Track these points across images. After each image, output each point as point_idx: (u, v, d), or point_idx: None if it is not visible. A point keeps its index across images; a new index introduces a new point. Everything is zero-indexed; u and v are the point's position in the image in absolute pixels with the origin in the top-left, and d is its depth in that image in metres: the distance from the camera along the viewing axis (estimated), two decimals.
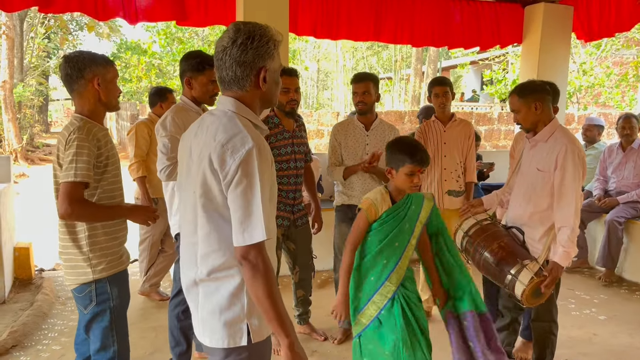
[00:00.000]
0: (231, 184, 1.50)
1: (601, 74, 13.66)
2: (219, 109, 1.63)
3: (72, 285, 2.22)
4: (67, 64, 2.16)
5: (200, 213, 1.57)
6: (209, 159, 1.52)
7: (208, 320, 1.63)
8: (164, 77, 16.61)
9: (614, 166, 5.18)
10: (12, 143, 14.46)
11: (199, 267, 1.62)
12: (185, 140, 1.70)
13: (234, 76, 1.57)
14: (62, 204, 2.02)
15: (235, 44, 1.54)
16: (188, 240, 1.66)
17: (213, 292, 1.61)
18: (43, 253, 5.18)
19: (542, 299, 2.64)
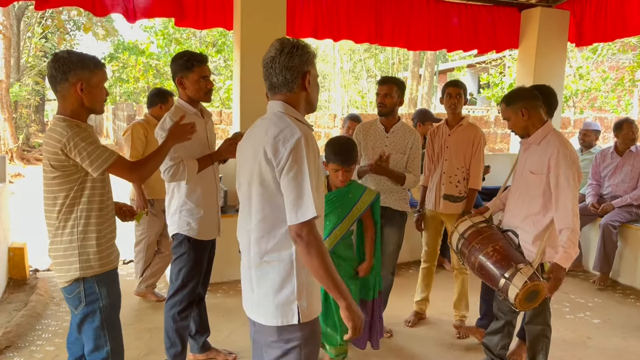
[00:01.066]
0: (284, 170, 1.71)
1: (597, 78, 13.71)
2: (268, 112, 1.86)
3: (61, 283, 2.22)
4: (53, 64, 2.13)
5: (255, 201, 1.80)
6: (263, 151, 1.74)
7: (262, 301, 1.82)
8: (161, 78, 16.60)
9: (609, 170, 5.19)
10: (8, 142, 14.41)
11: (253, 250, 1.83)
12: (241, 146, 1.94)
13: (284, 80, 1.82)
14: (129, 178, 2.30)
15: (283, 52, 1.80)
16: (244, 227, 1.89)
17: (265, 275, 1.82)
18: (38, 253, 5.16)
19: (535, 303, 2.65)
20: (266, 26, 4.70)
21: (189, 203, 2.91)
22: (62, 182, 2.13)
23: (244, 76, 4.76)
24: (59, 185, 2.14)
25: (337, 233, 2.94)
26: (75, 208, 2.17)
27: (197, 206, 2.92)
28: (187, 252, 2.93)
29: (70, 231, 2.18)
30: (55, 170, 2.13)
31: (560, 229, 2.63)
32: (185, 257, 2.94)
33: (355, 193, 2.99)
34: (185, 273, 2.95)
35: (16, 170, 13.11)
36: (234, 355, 3.36)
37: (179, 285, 2.96)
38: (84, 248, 2.19)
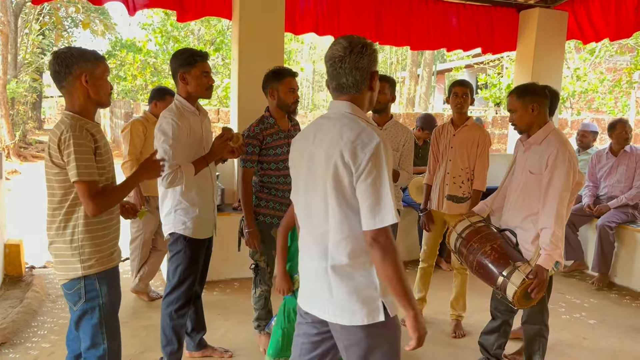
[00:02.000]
0: (362, 175, 1.69)
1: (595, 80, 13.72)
2: (334, 112, 1.83)
3: (61, 280, 2.21)
4: (55, 61, 2.12)
5: (333, 204, 1.76)
6: (340, 155, 1.71)
7: (346, 302, 1.79)
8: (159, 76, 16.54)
9: (605, 171, 5.21)
10: (5, 139, 14.37)
11: (331, 254, 1.80)
12: (300, 146, 1.90)
13: (354, 81, 1.79)
14: (86, 204, 2.09)
15: (353, 52, 1.76)
16: (317, 232, 1.83)
17: (348, 276, 1.79)
18: (34, 250, 5.15)
19: (533, 301, 2.66)
20: (265, 23, 4.70)
21: (184, 202, 2.89)
22: (64, 178, 2.11)
23: (242, 74, 4.76)
24: (61, 182, 2.12)
25: None
26: (78, 207, 2.15)
27: (192, 205, 2.90)
28: (183, 250, 2.92)
29: (72, 230, 2.16)
30: (54, 167, 2.11)
31: (542, 227, 2.63)
32: (182, 255, 2.93)
33: None
34: (182, 271, 2.94)
35: (13, 167, 13.07)
36: (230, 353, 3.36)
37: (175, 283, 2.95)
38: (86, 247, 2.17)
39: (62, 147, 2.07)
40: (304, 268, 1.94)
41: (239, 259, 4.57)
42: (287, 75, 3.18)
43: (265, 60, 4.74)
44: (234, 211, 4.70)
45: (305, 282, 1.94)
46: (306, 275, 1.93)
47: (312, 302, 1.90)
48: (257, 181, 3.30)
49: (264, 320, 3.42)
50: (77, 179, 2.05)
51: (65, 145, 2.06)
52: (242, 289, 4.52)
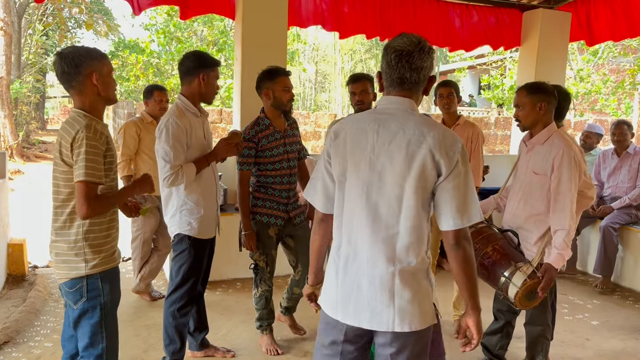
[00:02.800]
0: (451, 174, 1.66)
1: (598, 81, 13.71)
2: (396, 108, 1.74)
3: (62, 279, 2.20)
4: (62, 61, 2.12)
5: (411, 204, 1.68)
6: (429, 154, 1.65)
7: (409, 307, 1.71)
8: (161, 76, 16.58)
9: (609, 172, 5.21)
10: (8, 139, 14.41)
11: (399, 257, 1.71)
12: (355, 141, 1.76)
13: (417, 78, 1.72)
14: (80, 205, 2.06)
15: (423, 50, 1.71)
16: (384, 234, 1.71)
17: (415, 280, 1.72)
18: (37, 250, 5.16)
19: (535, 302, 2.65)
20: (268, 23, 4.71)
21: (189, 203, 2.90)
22: (71, 177, 2.11)
23: (245, 75, 4.76)
24: (68, 180, 2.12)
25: None
26: None
27: (197, 205, 2.91)
28: (188, 250, 2.93)
29: (76, 230, 2.15)
30: (64, 165, 2.11)
31: (556, 229, 2.63)
32: (186, 254, 2.93)
33: None
34: (185, 270, 2.95)
35: (16, 167, 13.11)
36: (232, 352, 3.36)
37: (178, 282, 2.96)
38: (90, 246, 2.17)
39: (75, 146, 2.06)
40: (354, 276, 1.76)
41: (241, 259, 4.58)
42: (281, 75, 3.18)
43: (268, 61, 4.72)
44: (237, 211, 4.69)
45: (354, 293, 1.75)
46: (356, 284, 1.75)
47: (360, 314, 1.74)
48: (254, 181, 3.30)
49: (266, 320, 3.42)
50: (82, 179, 2.04)
51: (78, 144, 2.05)
52: (244, 288, 4.52)
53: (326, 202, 1.86)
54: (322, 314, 1.87)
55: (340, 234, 1.81)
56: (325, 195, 1.86)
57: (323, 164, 1.85)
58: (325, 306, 1.85)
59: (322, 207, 1.88)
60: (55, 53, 2.21)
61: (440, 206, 1.70)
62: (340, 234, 1.81)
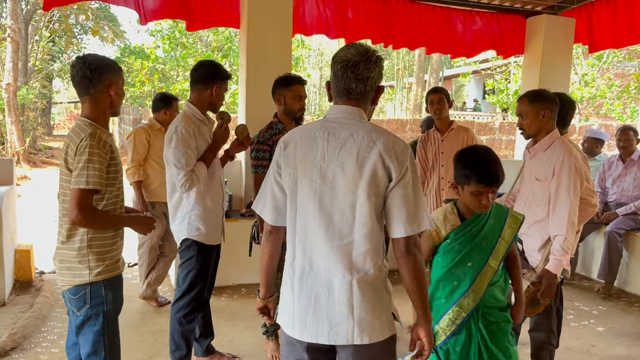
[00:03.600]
0: (401, 180, 1.64)
1: (603, 86, 13.69)
2: (345, 117, 1.72)
3: (65, 285, 2.20)
4: (86, 67, 2.11)
5: (365, 212, 1.65)
6: (380, 159, 1.63)
7: (369, 317, 1.67)
8: (167, 82, 16.67)
9: (614, 178, 5.19)
10: (15, 145, 14.50)
11: (356, 266, 1.67)
12: (305, 151, 1.72)
13: (363, 89, 1.71)
14: (72, 210, 2.04)
15: (369, 60, 1.68)
16: (339, 243, 1.68)
17: (373, 288, 1.69)
18: (43, 256, 5.19)
19: (539, 308, 2.65)
20: (272, 30, 4.74)
21: (198, 208, 2.92)
22: None
23: (250, 81, 4.80)
24: None
25: (487, 275, 2.17)
26: None
27: (205, 211, 2.94)
28: (195, 256, 2.94)
29: (81, 238, 2.14)
30: (70, 173, 2.10)
31: (554, 235, 2.63)
32: (193, 261, 2.95)
33: (497, 218, 2.23)
34: (193, 277, 2.96)
35: (23, 172, 13.18)
36: (238, 358, 3.37)
37: (185, 288, 2.97)
38: (94, 254, 2.16)
39: (77, 153, 2.06)
40: (310, 288, 1.71)
41: (246, 264, 4.59)
42: (295, 83, 3.22)
43: (273, 67, 4.78)
44: (242, 217, 4.73)
45: (311, 306, 1.70)
46: (313, 297, 1.70)
47: (318, 328, 1.69)
48: None
49: (272, 325, 3.43)
50: (79, 187, 2.03)
51: (81, 151, 2.05)
52: (250, 294, 4.53)
53: (275, 214, 1.81)
54: (282, 333, 1.82)
55: (294, 246, 1.76)
56: (274, 207, 1.81)
57: (272, 175, 1.80)
58: (283, 324, 1.79)
59: (271, 219, 1.82)
60: (77, 57, 2.20)
61: (391, 213, 1.67)
62: (294, 246, 1.76)
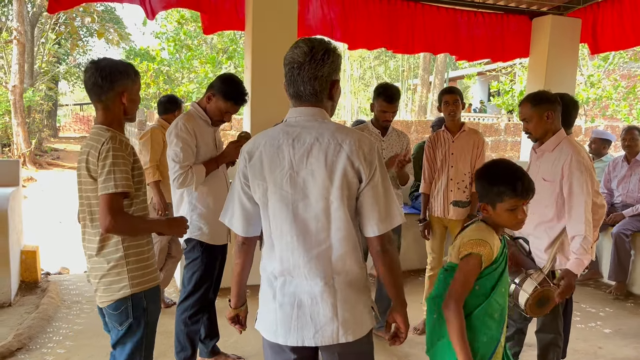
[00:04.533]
0: (372, 180, 1.63)
1: (609, 87, 13.63)
2: (307, 119, 1.68)
3: (105, 302, 2.09)
4: (98, 73, 2.04)
5: (340, 216, 1.64)
6: (348, 162, 1.61)
7: (352, 316, 1.70)
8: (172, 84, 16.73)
9: (619, 179, 5.17)
10: (21, 147, 14.59)
11: (336, 269, 1.68)
12: (271, 159, 1.68)
13: (312, 90, 1.66)
14: (104, 217, 1.95)
15: (314, 59, 1.64)
16: (317, 250, 1.67)
17: (354, 287, 1.71)
18: (49, 257, 5.21)
19: (546, 309, 2.63)
20: (277, 32, 4.73)
21: (200, 207, 2.93)
22: None
23: (255, 83, 4.79)
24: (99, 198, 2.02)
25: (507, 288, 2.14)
26: None
27: (207, 210, 2.93)
28: (200, 257, 2.95)
29: (115, 248, 2.06)
30: (95, 182, 2.02)
31: (573, 235, 2.62)
32: (198, 262, 2.95)
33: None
34: (198, 278, 2.96)
35: (28, 174, 13.25)
36: (242, 359, 3.37)
37: (190, 289, 2.98)
38: (133, 264, 2.08)
39: (100, 158, 1.98)
40: (292, 295, 1.71)
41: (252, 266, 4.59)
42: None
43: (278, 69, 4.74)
44: None
45: (295, 312, 1.70)
46: (296, 303, 1.70)
47: (303, 331, 1.70)
48: None
49: None
50: (109, 192, 1.95)
51: (104, 156, 1.98)
52: (254, 295, 4.49)
53: (246, 226, 1.79)
54: (264, 341, 1.83)
55: (272, 256, 1.74)
56: (244, 219, 1.78)
57: (239, 187, 1.76)
58: (264, 332, 1.80)
59: (242, 230, 1.80)
60: (91, 61, 2.11)
61: (364, 213, 1.66)
62: (272, 256, 1.74)
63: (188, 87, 15.36)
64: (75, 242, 3.34)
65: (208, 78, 15.17)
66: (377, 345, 3.70)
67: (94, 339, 3.59)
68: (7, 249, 4.14)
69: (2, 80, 16.18)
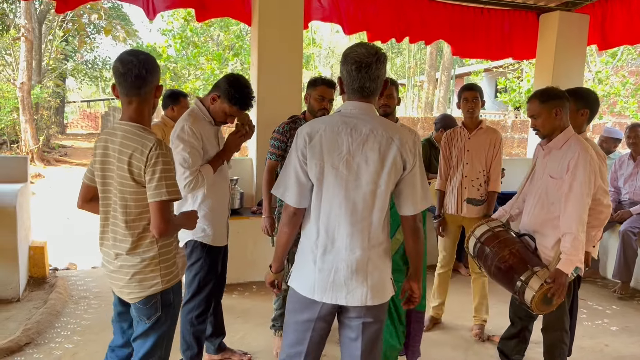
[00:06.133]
0: (413, 168, 1.97)
1: (617, 83, 13.53)
2: (362, 113, 1.97)
3: (136, 298, 2.14)
4: (142, 65, 2.02)
5: (383, 198, 1.96)
6: (398, 153, 1.93)
7: (378, 285, 2.01)
8: (178, 81, 16.75)
9: (626, 177, 5.15)
10: (29, 144, 14.67)
11: (372, 241, 1.99)
12: (332, 143, 1.94)
13: (375, 87, 1.97)
14: (159, 223, 2.02)
15: (379, 60, 1.94)
16: (362, 224, 1.97)
17: (380, 261, 2.02)
18: (57, 253, 5.25)
19: (552, 306, 2.63)
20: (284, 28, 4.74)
21: (204, 209, 2.88)
22: (143, 197, 2.05)
23: (261, 79, 4.80)
24: (140, 200, 2.06)
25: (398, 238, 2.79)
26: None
27: (211, 212, 2.91)
28: (203, 259, 2.92)
29: (149, 248, 2.11)
30: (135, 184, 2.03)
31: (564, 233, 2.60)
32: (201, 263, 2.92)
33: None
34: (201, 279, 2.94)
35: (36, 171, 13.32)
36: (249, 355, 3.38)
37: (195, 290, 2.95)
38: (165, 262, 2.15)
39: (149, 164, 1.99)
40: (331, 262, 1.98)
41: (257, 262, 4.61)
42: (321, 84, 3.28)
43: (284, 65, 4.78)
44: (253, 215, 4.74)
45: (332, 276, 1.98)
46: (334, 269, 1.98)
47: (337, 293, 1.99)
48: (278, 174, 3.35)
49: (279, 321, 3.44)
50: (163, 198, 1.99)
51: (153, 162, 1.99)
52: (260, 292, 4.54)
53: (299, 198, 2.00)
54: (295, 297, 2.08)
55: (317, 227, 2.00)
56: (298, 192, 1.99)
57: (297, 163, 1.98)
58: (302, 290, 2.05)
59: (295, 202, 2.00)
60: (127, 53, 2.07)
61: (403, 196, 1.99)
62: (317, 227, 2.00)
63: (194, 84, 15.38)
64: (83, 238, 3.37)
65: (214, 75, 15.17)
66: None
67: (101, 334, 3.62)
68: (15, 245, 4.17)
69: (10, 77, 16.27)
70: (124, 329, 2.32)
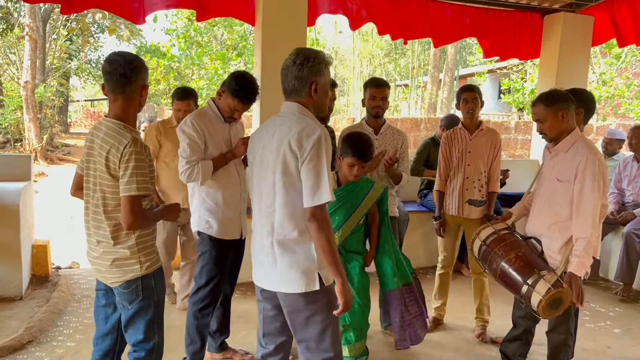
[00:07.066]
0: (305, 160, 2.01)
1: (621, 85, 13.48)
2: (286, 112, 2.16)
3: (116, 282, 2.26)
4: (127, 65, 2.13)
5: (279, 186, 2.07)
6: (288, 144, 2.03)
7: (287, 272, 2.11)
8: (182, 80, 16.78)
9: (630, 178, 5.13)
10: (33, 142, 14.71)
11: (276, 230, 2.11)
12: (257, 140, 2.22)
13: (293, 87, 2.13)
14: (127, 217, 2.13)
15: (295, 64, 2.09)
16: (266, 211, 2.14)
17: (290, 249, 2.11)
18: (60, 251, 5.26)
19: (559, 310, 2.61)
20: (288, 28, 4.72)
21: (208, 202, 2.97)
22: (118, 191, 2.15)
23: (265, 79, 4.78)
24: (115, 193, 2.16)
25: (346, 228, 3.02)
26: None
27: (216, 205, 2.97)
28: (209, 251, 2.99)
29: (127, 237, 2.22)
30: (112, 179, 2.15)
31: (577, 237, 2.60)
32: (207, 255, 3.00)
33: (363, 187, 3.06)
34: (207, 271, 3.00)
35: (40, 169, 13.35)
36: (251, 355, 3.38)
37: (201, 283, 3.02)
38: (143, 249, 2.26)
39: (123, 160, 2.10)
40: (256, 246, 2.23)
41: None
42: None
43: None
44: None
45: (258, 259, 2.23)
46: (258, 251, 2.22)
47: (263, 277, 2.20)
48: None
49: None
50: (132, 194, 2.10)
51: (126, 158, 2.10)
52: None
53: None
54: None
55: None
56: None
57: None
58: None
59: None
60: (115, 53, 2.19)
61: (302, 188, 2.06)
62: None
63: (198, 84, 15.40)
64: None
65: (218, 75, 15.19)
66: (382, 343, 3.73)
67: None
68: (18, 243, 4.18)
69: (14, 76, 16.31)
70: (107, 314, 2.41)
